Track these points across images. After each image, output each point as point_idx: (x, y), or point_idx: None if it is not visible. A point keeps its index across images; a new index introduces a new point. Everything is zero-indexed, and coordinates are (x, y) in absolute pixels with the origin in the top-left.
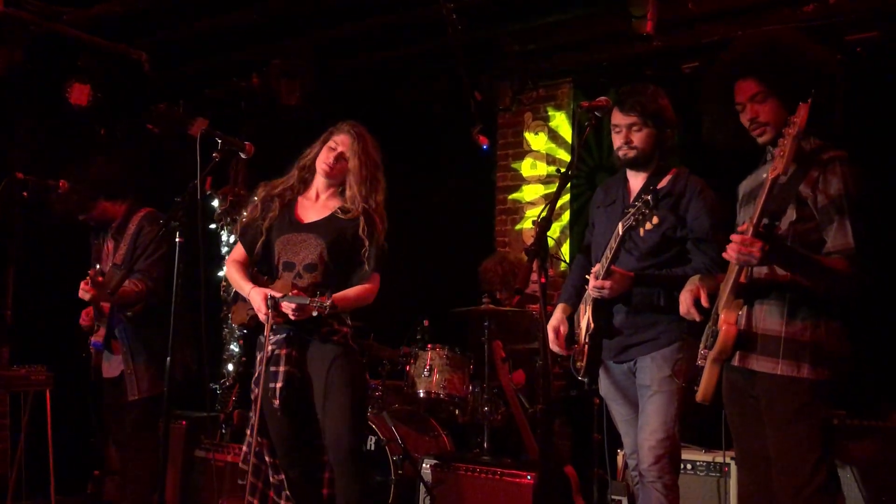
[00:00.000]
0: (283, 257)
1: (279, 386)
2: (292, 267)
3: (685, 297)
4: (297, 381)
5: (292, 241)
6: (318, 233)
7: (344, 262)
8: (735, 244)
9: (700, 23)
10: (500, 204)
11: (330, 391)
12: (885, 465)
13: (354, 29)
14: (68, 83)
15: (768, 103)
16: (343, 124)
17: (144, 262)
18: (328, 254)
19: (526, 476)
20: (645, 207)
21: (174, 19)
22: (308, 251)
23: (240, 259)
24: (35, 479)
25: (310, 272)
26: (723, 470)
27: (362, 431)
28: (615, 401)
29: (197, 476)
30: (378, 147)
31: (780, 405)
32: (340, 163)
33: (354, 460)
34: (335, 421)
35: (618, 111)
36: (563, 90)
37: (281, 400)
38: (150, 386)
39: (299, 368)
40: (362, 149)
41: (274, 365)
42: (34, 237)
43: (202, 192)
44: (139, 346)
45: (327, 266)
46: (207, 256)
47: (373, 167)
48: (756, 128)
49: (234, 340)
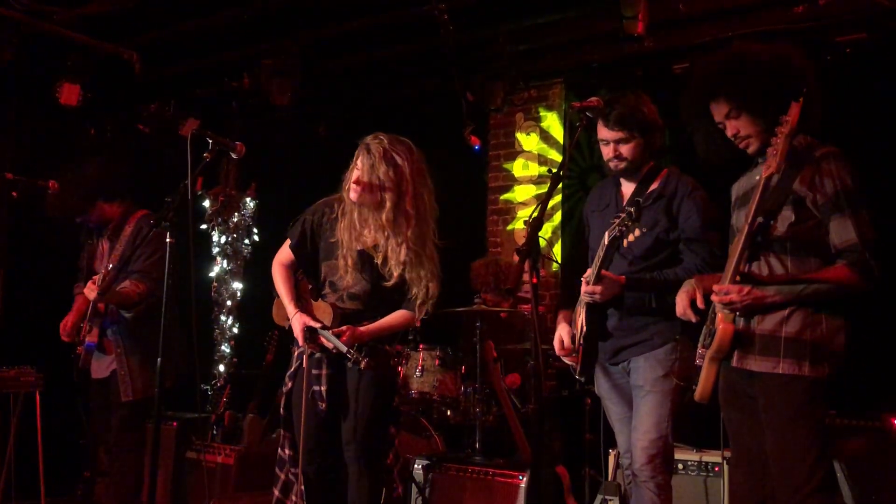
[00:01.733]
0: (330, 276)
1: (324, 389)
2: (336, 289)
3: (681, 298)
4: (337, 384)
5: (344, 266)
6: (364, 263)
7: (387, 296)
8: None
9: (691, 24)
10: (492, 204)
11: (361, 392)
12: (874, 463)
13: (346, 29)
14: (58, 83)
15: (742, 118)
16: (367, 137)
17: (144, 262)
18: (372, 286)
19: (518, 476)
20: (628, 219)
21: (165, 19)
22: (353, 280)
23: (286, 262)
24: (25, 481)
25: (353, 300)
26: (714, 470)
27: (381, 435)
28: (611, 399)
29: (187, 477)
30: (410, 155)
31: (781, 404)
32: (364, 187)
33: (367, 460)
34: (358, 421)
35: (603, 126)
36: (555, 91)
37: (328, 403)
38: (143, 387)
39: (339, 371)
40: (383, 171)
41: (317, 368)
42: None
43: (193, 192)
44: (134, 347)
45: (371, 297)
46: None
47: (391, 198)
48: (740, 141)
49: (226, 341)
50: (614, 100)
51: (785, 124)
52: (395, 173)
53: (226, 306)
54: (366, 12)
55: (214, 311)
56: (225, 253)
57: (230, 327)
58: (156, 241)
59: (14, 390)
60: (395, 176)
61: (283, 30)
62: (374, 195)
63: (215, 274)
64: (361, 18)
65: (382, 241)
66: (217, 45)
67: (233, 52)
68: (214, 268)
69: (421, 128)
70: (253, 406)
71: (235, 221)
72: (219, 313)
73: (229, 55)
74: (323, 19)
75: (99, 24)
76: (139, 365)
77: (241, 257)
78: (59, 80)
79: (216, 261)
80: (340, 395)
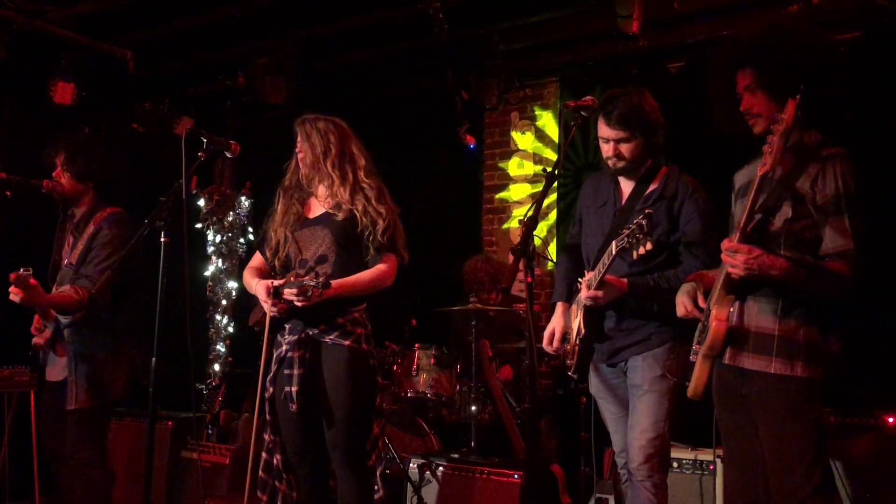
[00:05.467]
0: (297, 256)
1: (295, 390)
2: (305, 263)
3: (683, 299)
4: (310, 383)
5: (302, 237)
6: (323, 223)
7: (354, 250)
8: (723, 253)
9: (686, 22)
10: (487, 203)
11: (336, 394)
12: (871, 463)
13: (341, 27)
14: (52, 82)
15: (758, 95)
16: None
17: (94, 267)
18: (336, 242)
19: (513, 475)
20: (639, 231)
21: (159, 17)
22: (318, 243)
23: (256, 265)
24: (20, 480)
25: (321, 264)
26: (708, 468)
27: (364, 436)
28: (605, 399)
29: (183, 476)
30: (331, 124)
31: (773, 404)
32: (305, 160)
33: (352, 464)
34: (337, 424)
35: (604, 124)
36: (550, 89)
37: (298, 404)
38: (87, 397)
39: (312, 370)
40: (306, 137)
41: (288, 368)
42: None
43: (187, 191)
44: (82, 355)
45: (339, 256)
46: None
47: (329, 148)
48: (749, 118)
49: (221, 340)
50: (616, 96)
51: (780, 122)
52: (335, 126)
53: (221, 305)
54: (361, 10)
55: (209, 311)
56: (220, 252)
57: (225, 326)
58: (111, 245)
59: (8, 390)
60: (335, 127)
61: (278, 28)
62: (317, 155)
63: (210, 273)
64: (356, 17)
65: (334, 189)
66: (211, 44)
67: (227, 50)
68: (209, 267)
69: (416, 126)
70: (248, 405)
71: (230, 220)
72: (214, 312)
73: (224, 54)
74: (317, 17)
75: (93, 22)
76: (87, 372)
77: (236, 256)
78: (53, 78)
79: (211, 260)
80: (315, 395)
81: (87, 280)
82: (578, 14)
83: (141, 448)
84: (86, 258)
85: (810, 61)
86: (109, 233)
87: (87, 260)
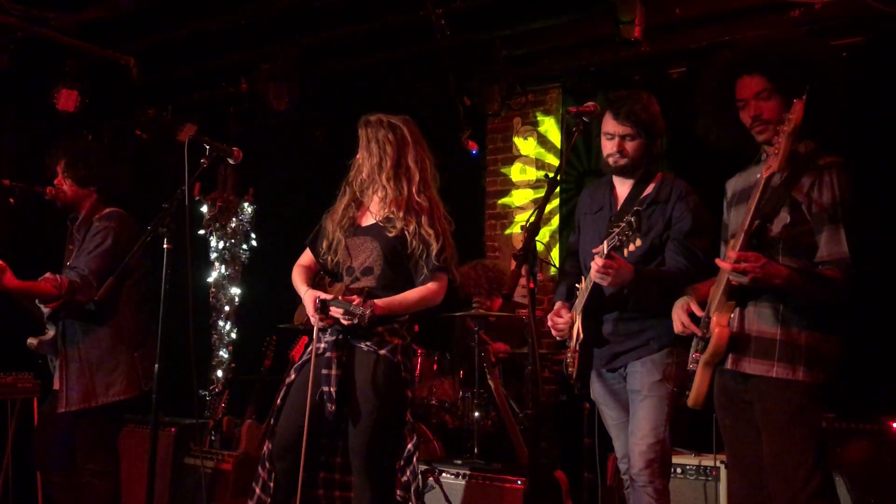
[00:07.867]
0: (346, 262)
1: (333, 390)
2: (352, 272)
3: (678, 315)
4: (344, 386)
5: (353, 245)
6: (373, 235)
7: (401, 267)
8: (729, 262)
9: (687, 28)
10: (490, 209)
11: (363, 401)
12: (874, 467)
13: (343, 34)
14: (56, 89)
15: (772, 101)
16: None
17: (84, 256)
18: (383, 256)
19: (516, 481)
20: (628, 229)
21: (162, 24)
22: (367, 254)
23: (305, 263)
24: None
25: (367, 276)
26: (712, 473)
27: (385, 446)
28: (607, 405)
29: (186, 483)
30: (391, 132)
31: (775, 409)
32: (362, 167)
33: (370, 472)
34: (360, 431)
35: (612, 119)
36: (552, 95)
37: (336, 404)
38: (79, 398)
39: (346, 372)
40: (366, 144)
41: (326, 368)
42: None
43: (191, 197)
44: (73, 354)
45: (384, 270)
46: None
47: (385, 159)
48: (758, 125)
49: (224, 347)
50: (626, 96)
51: (788, 122)
52: (394, 134)
53: (224, 311)
54: (363, 17)
55: (213, 317)
56: (223, 258)
57: (228, 332)
58: (101, 236)
59: (11, 396)
60: (394, 137)
61: (281, 35)
62: (373, 165)
63: (213, 279)
64: (359, 23)
65: (387, 201)
66: (214, 51)
67: (230, 57)
68: (212, 273)
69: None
70: (251, 411)
71: (233, 227)
72: (217, 318)
73: (227, 60)
74: (320, 24)
75: (96, 29)
76: (77, 373)
77: (239, 262)
78: (57, 85)
79: (214, 266)
80: (348, 398)
81: (73, 271)
82: (580, 20)
83: (144, 454)
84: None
85: (817, 67)
86: (100, 225)
87: (78, 253)
